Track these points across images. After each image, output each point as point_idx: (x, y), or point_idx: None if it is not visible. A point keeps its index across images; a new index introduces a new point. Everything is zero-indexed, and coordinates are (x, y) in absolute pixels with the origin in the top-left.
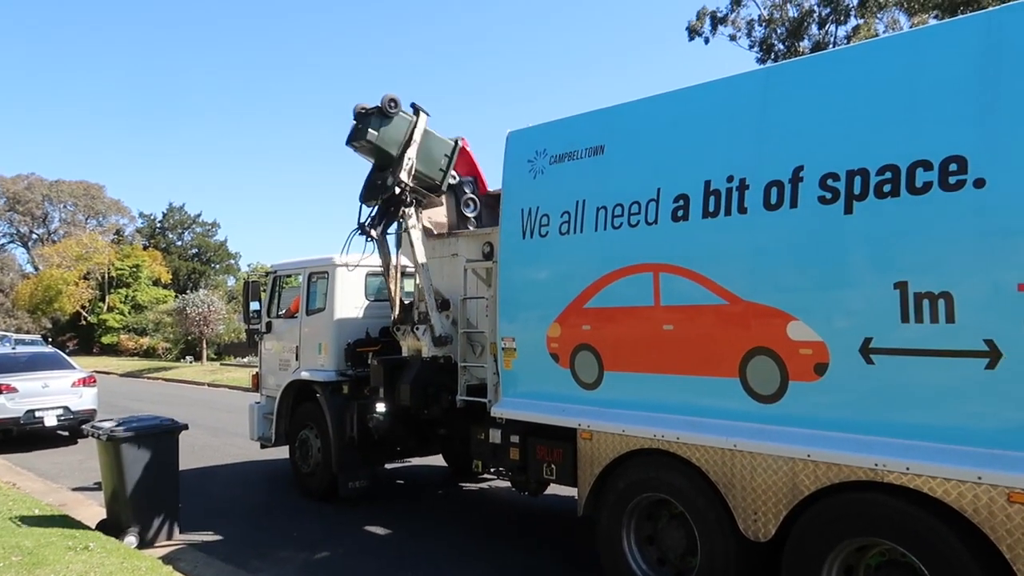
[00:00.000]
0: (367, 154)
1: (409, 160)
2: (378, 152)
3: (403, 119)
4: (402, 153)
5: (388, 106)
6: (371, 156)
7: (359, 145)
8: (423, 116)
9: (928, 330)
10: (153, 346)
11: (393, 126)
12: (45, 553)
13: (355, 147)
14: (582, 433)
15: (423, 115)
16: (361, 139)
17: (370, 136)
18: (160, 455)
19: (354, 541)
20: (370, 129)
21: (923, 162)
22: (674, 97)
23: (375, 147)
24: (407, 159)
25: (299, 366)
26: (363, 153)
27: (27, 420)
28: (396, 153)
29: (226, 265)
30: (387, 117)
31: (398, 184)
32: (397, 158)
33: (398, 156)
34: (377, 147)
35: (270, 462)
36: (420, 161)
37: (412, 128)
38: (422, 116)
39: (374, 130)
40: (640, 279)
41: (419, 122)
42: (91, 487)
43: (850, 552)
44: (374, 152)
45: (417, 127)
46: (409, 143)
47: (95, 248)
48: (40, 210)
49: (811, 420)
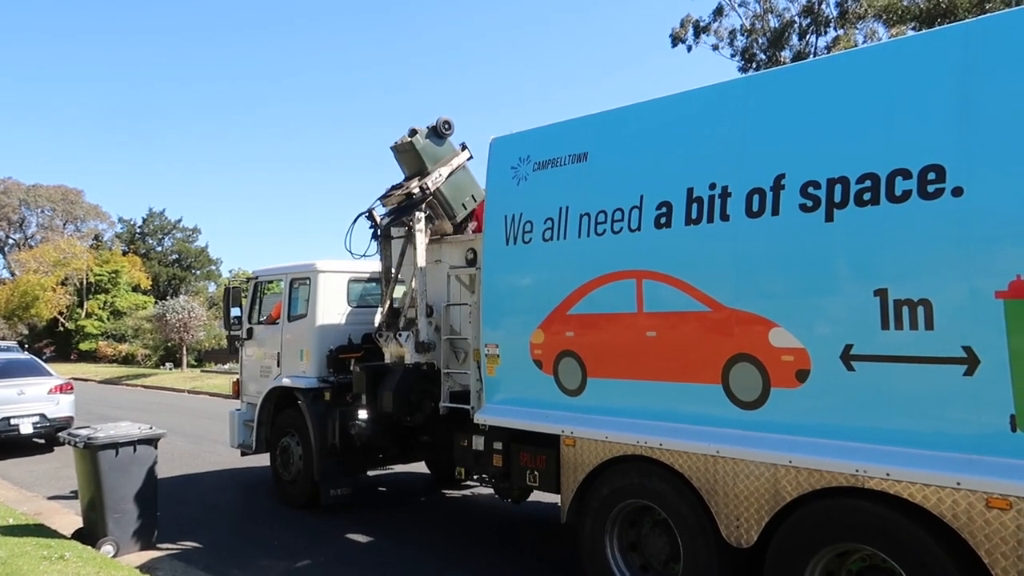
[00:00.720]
0: (405, 160)
1: (439, 176)
2: (416, 160)
3: (450, 146)
4: (435, 169)
5: (442, 127)
6: (408, 163)
7: (403, 147)
8: (466, 153)
9: (908, 337)
10: (132, 352)
11: (439, 147)
12: (19, 563)
13: (397, 150)
14: (565, 440)
15: (467, 152)
16: (407, 143)
17: (416, 142)
18: (138, 463)
19: (336, 549)
20: (419, 137)
21: (902, 171)
22: (657, 105)
23: (416, 154)
24: (437, 173)
25: (281, 373)
26: (402, 159)
27: (2, 428)
28: (431, 168)
29: (207, 271)
30: (439, 137)
31: (422, 188)
32: (429, 172)
33: (431, 170)
34: (418, 154)
35: (251, 470)
36: (448, 185)
37: (453, 157)
38: (466, 152)
39: (423, 139)
40: (623, 286)
41: (461, 156)
42: (67, 495)
43: (831, 558)
44: (413, 159)
45: (458, 158)
46: (445, 165)
47: (73, 253)
48: (17, 215)
49: (793, 426)
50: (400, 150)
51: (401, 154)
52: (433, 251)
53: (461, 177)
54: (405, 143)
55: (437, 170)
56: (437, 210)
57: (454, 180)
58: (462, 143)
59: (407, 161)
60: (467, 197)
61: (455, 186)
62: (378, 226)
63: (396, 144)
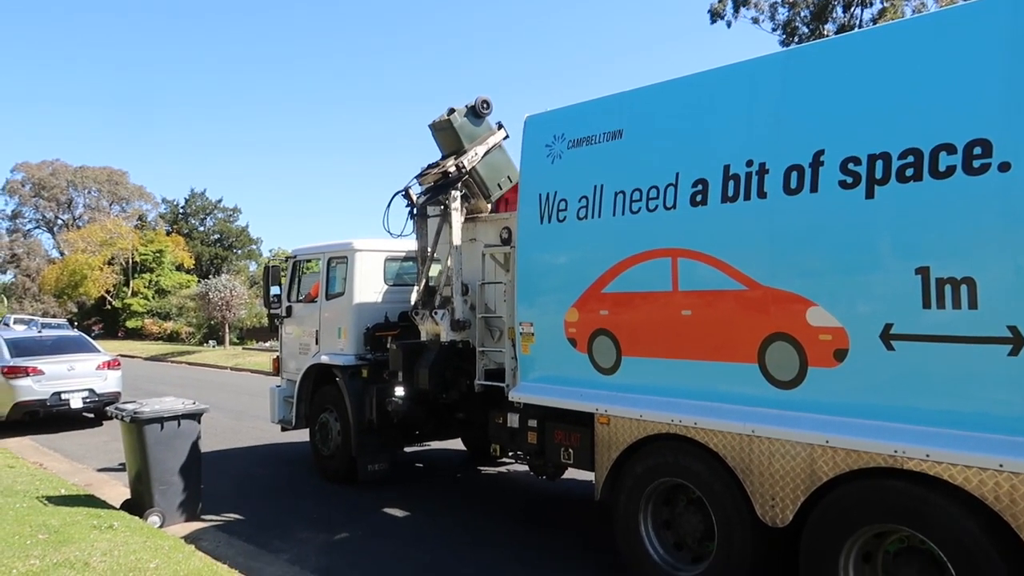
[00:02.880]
0: (443, 138)
1: (475, 155)
2: (454, 138)
3: (487, 125)
4: (472, 148)
5: (481, 106)
6: (445, 142)
7: (441, 125)
8: (503, 132)
9: (950, 316)
10: (176, 330)
11: (477, 126)
12: (71, 532)
13: (435, 128)
14: (599, 418)
15: (503, 131)
16: (445, 121)
17: (454, 120)
18: (183, 437)
19: (373, 523)
20: (457, 115)
21: (947, 145)
22: (693, 81)
23: (454, 132)
24: (473, 152)
25: (319, 350)
26: (439, 138)
27: (53, 402)
28: (467, 147)
29: (248, 250)
30: (477, 116)
31: (458, 166)
32: (466, 150)
33: (468, 149)
34: (456, 132)
35: (290, 445)
36: (483, 164)
37: (490, 136)
38: (502, 132)
39: (461, 118)
40: (658, 264)
41: (497, 135)
42: (115, 468)
43: (869, 538)
44: (450, 138)
45: (494, 137)
46: (481, 144)
47: (119, 233)
48: (65, 196)
49: (830, 406)
50: (438, 128)
51: (439, 132)
52: (468, 230)
53: (497, 156)
54: (443, 121)
55: (473, 149)
56: (473, 189)
57: (490, 159)
58: (498, 122)
59: (444, 139)
60: (503, 177)
61: (491, 165)
62: (414, 205)
63: (434, 122)
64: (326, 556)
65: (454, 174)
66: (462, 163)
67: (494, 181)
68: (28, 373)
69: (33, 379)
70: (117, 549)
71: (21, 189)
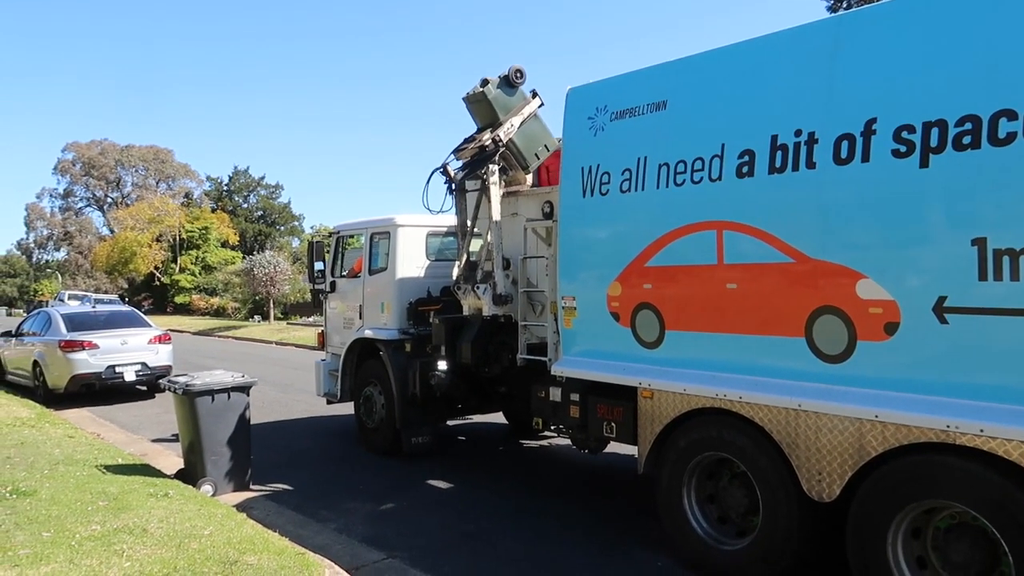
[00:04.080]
0: (478, 111)
1: (511, 126)
2: (489, 110)
3: (521, 95)
4: (507, 119)
5: (514, 76)
6: (480, 114)
7: (475, 98)
8: (537, 100)
9: (1008, 288)
10: (223, 306)
11: (511, 97)
12: (129, 499)
13: (469, 101)
14: (643, 392)
15: (538, 99)
16: (480, 90)
17: (488, 92)
18: (232, 409)
19: (417, 494)
20: (491, 87)
21: (1007, 111)
22: (739, 49)
23: (488, 104)
24: (509, 124)
25: (363, 324)
26: (474, 110)
27: (108, 375)
28: (503, 118)
29: (290, 227)
30: (510, 86)
31: (494, 140)
32: (501, 122)
33: (503, 121)
34: (490, 104)
35: (336, 417)
36: (520, 135)
37: (525, 106)
38: (536, 100)
39: (495, 89)
40: (703, 237)
41: (532, 104)
42: (169, 439)
43: (918, 514)
44: (485, 110)
45: (529, 106)
46: (516, 115)
47: (166, 211)
48: (113, 174)
49: (880, 380)
50: (472, 100)
51: (473, 104)
52: (510, 204)
53: (533, 126)
54: (477, 93)
55: (509, 120)
56: (511, 161)
57: (526, 130)
58: (532, 90)
59: (479, 112)
60: (539, 147)
61: (527, 136)
62: (452, 180)
63: (468, 95)
64: (372, 526)
65: (491, 148)
66: (498, 136)
67: (531, 151)
68: (84, 347)
69: (89, 353)
70: (173, 516)
71: (72, 168)
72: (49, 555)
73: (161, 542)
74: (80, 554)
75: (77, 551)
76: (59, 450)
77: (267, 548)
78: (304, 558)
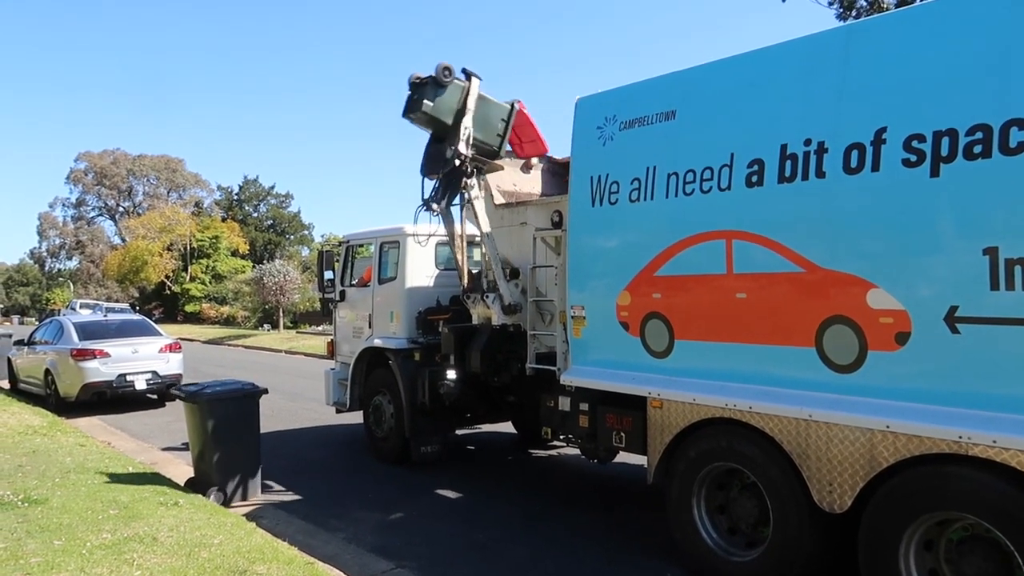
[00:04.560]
0: (424, 125)
1: (466, 129)
2: (434, 122)
3: (456, 86)
4: (457, 122)
5: (442, 75)
6: (428, 127)
7: (415, 117)
8: (475, 81)
9: (1020, 298)
10: (233, 315)
11: (448, 94)
12: (139, 508)
13: (411, 119)
14: (652, 401)
15: (475, 80)
16: (416, 111)
17: (425, 107)
18: (242, 417)
19: (426, 503)
20: (425, 100)
21: (1018, 120)
22: (748, 59)
23: (431, 118)
24: (463, 128)
25: (372, 334)
26: (420, 124)
27: (119, 383)
28: (452, 122)
29: (300, 236)
30: (441, 86)
31: (458, 156)
32: (453, 128)
33: (454, 125)
34: (433, 117)
35: (345, 426)
36: (477, 128)
37: (465, 95)
38: (474, 81)
39: (429, 100)
40: (712, 247)
41: (472, 87)
42: (179, 447)
43: (931, 526)
44: (430, 123)
45: (471, 93)
46: (463, 111)
47: (177, 220)
48: (125, 184)
49: (891, 391)
50: (415, 122)
51: (420, 125)
52: (519, 213)
53: (482, 110)
54: (418, 116)
55: (461, 124)
56: (481, 160)
57: (479, 119)
58: (464, 70)
59: (427, 125)
60: (497, 124)
61: (482, 124)
62: (440, 213)
63: (410, 117)
64: (381, 535)
65: (459, 166)
66: (460, 152)
67: (492, 134)
68: (96, 356)
69: (100, 361)
70: (183, 525)
71: (84, 178)
72: (60, 563)
73: (171, 551)
74: (91, 563)
75: (88, 560)
76: (70, 458)
77: (276, 558)
78: (313, 568)
